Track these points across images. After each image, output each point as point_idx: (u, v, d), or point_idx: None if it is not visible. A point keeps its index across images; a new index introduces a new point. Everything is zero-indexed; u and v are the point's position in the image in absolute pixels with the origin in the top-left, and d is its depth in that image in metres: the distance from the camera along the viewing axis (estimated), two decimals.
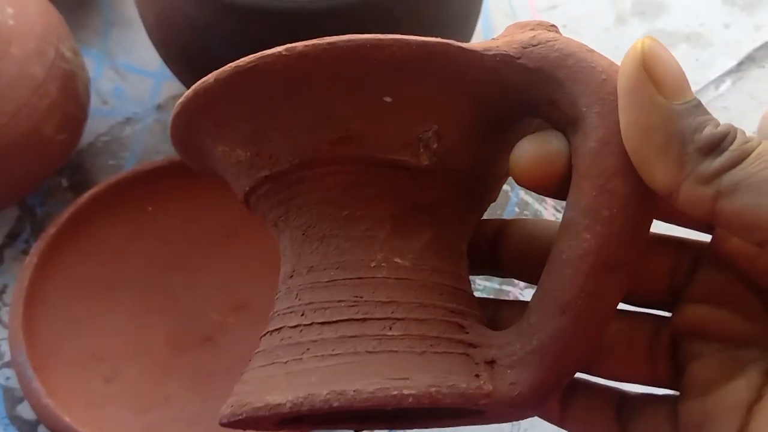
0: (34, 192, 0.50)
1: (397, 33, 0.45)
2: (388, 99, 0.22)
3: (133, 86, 0.57)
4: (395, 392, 0.21)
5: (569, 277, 0.21)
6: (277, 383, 0.22)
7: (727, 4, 0.60)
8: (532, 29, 0.23)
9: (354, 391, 0.21)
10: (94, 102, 0.56)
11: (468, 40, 0.52)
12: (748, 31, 0.59)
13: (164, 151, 0.54)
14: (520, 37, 0.23)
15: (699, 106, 0.20)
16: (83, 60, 0.50)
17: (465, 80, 0.23)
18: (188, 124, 0.26)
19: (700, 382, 0.24)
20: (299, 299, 0.24)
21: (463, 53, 0.22)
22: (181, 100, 0.25)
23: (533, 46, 0.22)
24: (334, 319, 0.23)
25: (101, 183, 0.48)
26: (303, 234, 0.24)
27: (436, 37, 0.23)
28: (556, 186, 0.22)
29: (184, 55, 0.47)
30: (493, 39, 0.24)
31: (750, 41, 0.58)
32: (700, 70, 0.57)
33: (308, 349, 0.23)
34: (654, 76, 0.19)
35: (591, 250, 0.21)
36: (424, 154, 0.23)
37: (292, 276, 0.25)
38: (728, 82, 0.56)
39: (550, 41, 0.22)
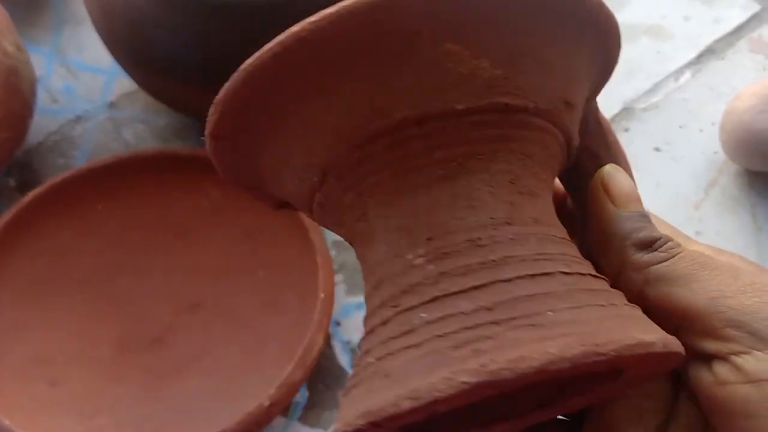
0: None
1: None
2: None
3: (84, 84, 0.56)
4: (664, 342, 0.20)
5: None
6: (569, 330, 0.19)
7: None
8: None
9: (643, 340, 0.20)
10: (45, 100, 0.55)
11: None
12: (707, 23, 0.58)
13: (115, 148, 0.53)
14: None
15: (644, 216, 0.24)
16: (29, 56, 0.49)
17: None
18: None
19: (602, 420, 0.26)
20: (528, 247, 0.21)
21: None
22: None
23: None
24: (571, 271, 0.21)
25: (46, 182, 0.47)
26: (511, 182, 0.22)
27: None
28: None
29: (130, 49, 0.46)
30: None
31: (710, 33, 0.58)
32: (660, 62, 0.56)
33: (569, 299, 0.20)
34: (608, 190, 0.25)
35: None
36: None
37: (509, 223, 0.21)
38: (688, 74, 0.56)
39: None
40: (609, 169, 0.25)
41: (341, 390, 0.22)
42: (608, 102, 0.55)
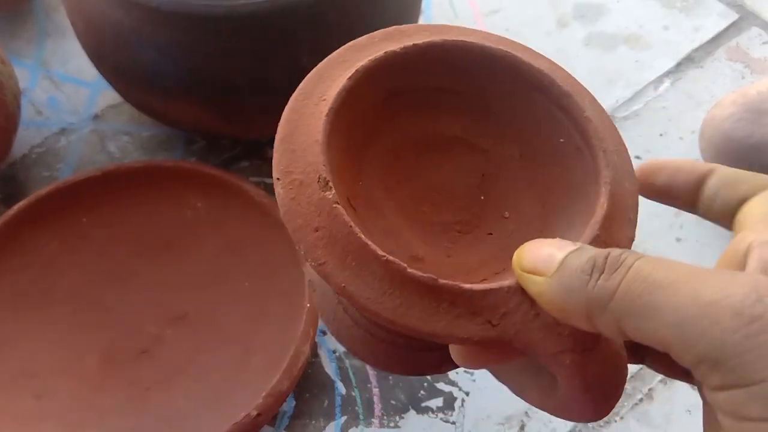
0: None
1: (329, 37, 0.45)
2: None
3: (68, 96, 0.56)
4: None
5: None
6: None
7: (666, 7, 0.61)
8: None
9: None
10: (29, 113, 0.55)
11: None
12: (686, 32, 0.59)
13: (100, 161, 0.53)
14: None
15: (572, 258, 0.22)
16: (13, 69, 0.49)
17: None
18: None
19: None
20: None
21: None
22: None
23: None
24: None
25: (31, 195, 0.47)
26: None
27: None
28: None
29: (114, 61, 0.46)
30: None
31: (688, 42, 0.58)
32: (639, 71, 0.57)
33: None
34: (526, 269, 0.23)
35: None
36: None
37: None
38: (667, 83, 0.57)
39: None
40: (518, 251, 0.24)
41: None
42: None
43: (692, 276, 0.20)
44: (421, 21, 0.57)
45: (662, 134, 0.54)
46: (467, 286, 0.23)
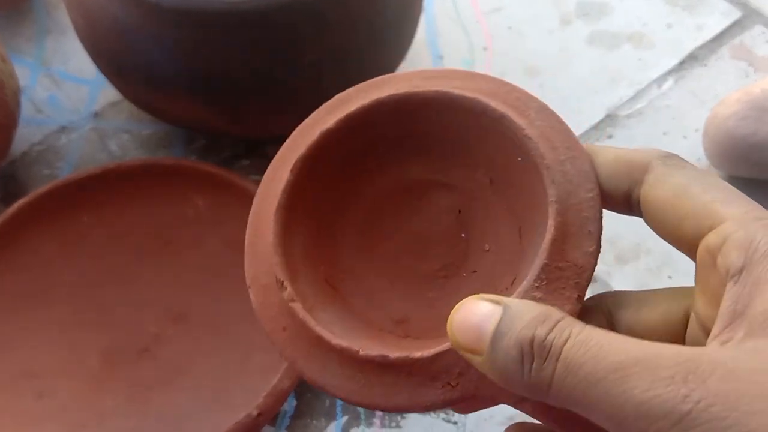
0: None
1: (331, 34, 0.45)
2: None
3: (68, 94, 0.56)
4: None
5: None
6: None
7: (669, 5, 0.60)
8: None
9: None
10: (29, 111, 0.54)
11: (407, 44, 0.51)
12: (689, 30, 0.59)
13: (100, 159, 0.53)
14: None
15: (499, 337, 0.22)
16: (13, 67, 0.48)
17: None
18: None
19: None
20: None
21: None
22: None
23: None
24: None
25: (31, 193, 0.46)
26: None
27: (369, 41, 0.26)
28: None
29: (113, 57, 0.46)
30: None
31: (691, 40, 0.58)
32: (643, 69, 0.57)
33: None
34: (461, 348, 0.23)
35: None
36: None
37: None
38: (671, 81, 0.56)
39: None
40: (451, 325, 0.23)
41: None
42: (591, 109, 0.55)
43: (621, 370, 0.20)
44: (423, 20, 0.57)
45: (666, 133, 0.54)
46: (417, 354, 0.23)
